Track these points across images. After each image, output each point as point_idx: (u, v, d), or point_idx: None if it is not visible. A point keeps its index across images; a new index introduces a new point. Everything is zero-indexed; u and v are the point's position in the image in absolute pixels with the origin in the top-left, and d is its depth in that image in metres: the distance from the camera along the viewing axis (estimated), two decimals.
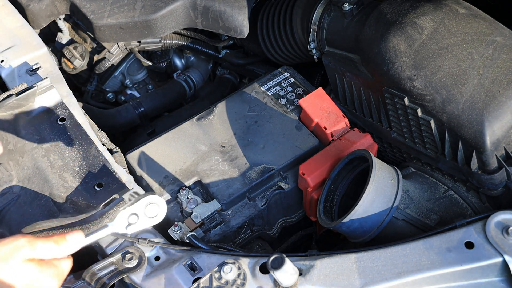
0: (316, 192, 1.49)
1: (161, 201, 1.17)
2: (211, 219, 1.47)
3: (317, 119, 1.57)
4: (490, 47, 1.33)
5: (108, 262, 1.24)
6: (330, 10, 1.63)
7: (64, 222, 1.25)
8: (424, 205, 1.40)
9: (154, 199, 1.17)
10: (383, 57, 1.42)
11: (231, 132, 1.62)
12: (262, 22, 1.90)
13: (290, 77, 1.77)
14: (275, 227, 1.61)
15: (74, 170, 1.36)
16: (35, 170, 1.36)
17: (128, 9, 1.71)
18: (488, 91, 1.29)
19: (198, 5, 1.70)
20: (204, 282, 1.15)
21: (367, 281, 1.15)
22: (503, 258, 1.14)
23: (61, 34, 2.02)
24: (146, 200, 1.17)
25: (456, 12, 1.40)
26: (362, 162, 1.44)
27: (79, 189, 1.32)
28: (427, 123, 1.38)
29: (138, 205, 1.17)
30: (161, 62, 2.20)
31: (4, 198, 1.32)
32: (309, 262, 1.19)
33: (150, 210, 1.17)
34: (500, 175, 1.33)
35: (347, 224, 1.32)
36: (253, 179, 1.51)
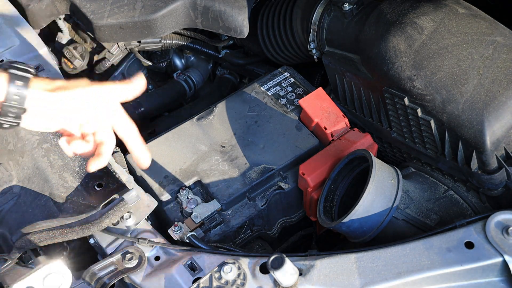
0: (316, 192, 1.49)
1: (63, 270, 1.07)
2: (211, 219, 1.47)
3: (317, 119, 1.57)
4: (490, 47, 1.33)
5: (108, 262, 1.24)
6: (330, 10, 1.63)
7: (64, 222, 1.25)
8: (424, 205, 1.40)
9: (55, 268, 1.07)
10: (383, 57, 1.42)
11: (231, 132, 1.62)
12: (262, 22, 1.90)
13: (290, 77, 1.77)
14: (275, 227, 1.61)
15: (74, 170, 1.36)
16: (35, 170, 1.36)
17: (128, 9, 1.71)
18: (488, 91, 1.29)
19: (198, 5, 1.70)
20: (204, 282, 1.15)
21: (367, 281, 1.15)
22: (503, 258, 1.14)
23: (61, 34, 2.02)
24: (44, 270, 1.06)
25: (456, 12, 1.40)
26: (362, 162, 1.44)
27: (79, 189, 1.32)
28: (427, 123, 1.38)
29: (35, 276, 1.05)
30: (161, 62, 2.20)
31: (4, 198, 1.32)
32: (309, 262, 1.19)
33: (50, 281, 1.06)
34: (500, 175, 1.33)
35: (347, 224, 1.32)
36: (253, 179, 1.51)
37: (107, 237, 1.29)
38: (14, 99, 1.08)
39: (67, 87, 1.12)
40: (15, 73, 1.09)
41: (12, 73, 1.08)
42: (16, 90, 1.08)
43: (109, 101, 1.15)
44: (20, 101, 1.09)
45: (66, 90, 1.11)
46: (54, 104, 1.11)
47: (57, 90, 1.11)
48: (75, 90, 1.12)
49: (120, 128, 1.19)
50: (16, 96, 1.08)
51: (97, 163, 1.18)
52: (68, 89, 1.11)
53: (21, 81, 1.09)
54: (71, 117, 1.14)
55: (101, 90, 1.14)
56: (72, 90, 1.11)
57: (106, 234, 1.29)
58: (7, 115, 1.10)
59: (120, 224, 1.30)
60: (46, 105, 1.11)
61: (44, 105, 1.11)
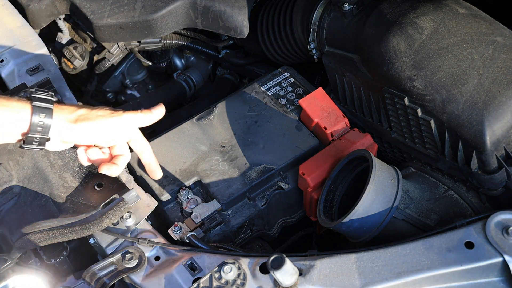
0: (316, 192, 1.49)
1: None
2: (211, 219, 1.47)
3: (317, 119, 1.57)
4: (490, 47, 1.33)
5: (108, 262, 1.24)
6: (330, 10, 1.63)
7: (64, 222, 1.25)
8: (424, 205, 1.40)
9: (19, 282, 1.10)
10: (383, 57, 1.42)
11: (231, 132, 1.62)
12: (262, 22, 1.90)
13: (290, 77, 1.77)
14: (275, 227, 1.61)
15: (74, 170, 1.36)
16: (35, 170, 1.36)
17: (128, 9, 1.71)
18: (488, 91, 1.29)
19: (198, 5, 1.70)
20: (204, 282, 1.16)
21: (367, 281, 1.15)
22: (503, 258, 1.14)
23: (61, 34, 2.02)
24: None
25: (456, 12, 1.40)
26: (362, 162, 1.44)
27: (79, 189, 1.32)
28: (427, 123, 1.38)
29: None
30: (161, 62, 2.20)
31: (4, 198, 1.32)
32: (309, 262, 1.19)
33: None
34: (500, 175, 1.33)
35: (347, 224, 1.32)
36: (253, 179, 1.51)
37: (107, 237, 1.29)
38: (38, 130, 1.14)
39: (89, 117, 1.18)
40: (38, 105, 1.14)
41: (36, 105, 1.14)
42: (39, 121, 1.14)
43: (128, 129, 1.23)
44: (44, 131, 1.15)
45: (88, 121, 1.18)
46: (76, 134, 1.18)
47: (79, 121, 1.17)
48: (96, 121, 1.18)
49: (136, 145, 1.28)
50: (40, 128, 1.14)
51: (111, 170, 1.24)
52: (90, 120, 1.18)
53: (44, 113, 1.14)
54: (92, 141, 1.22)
55: (122, 121, 1.21)
56: (93, 121, 1.18)
57: (106, 234, 1.29)
58: (31, 144, 1.16)
59: (120, 224, 1.30)
60: (68, 134, 1.18)
61: (66, 134, 1.18)
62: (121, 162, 1.26)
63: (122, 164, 1.26)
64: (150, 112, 1.26)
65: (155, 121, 1.28)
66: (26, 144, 1.15)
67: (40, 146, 1.17)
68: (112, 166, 1.24)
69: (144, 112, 1.26)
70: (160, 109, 1.28)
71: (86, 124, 1.18)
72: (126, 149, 1.27)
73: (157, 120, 1.28)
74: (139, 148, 1.30)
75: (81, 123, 1.17)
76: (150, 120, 1.27)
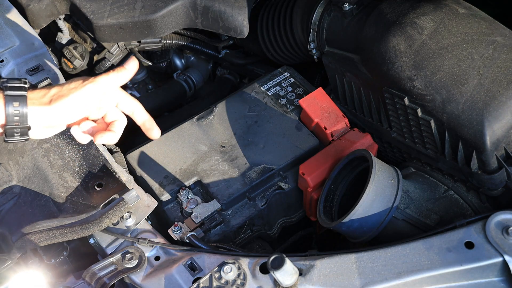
0: (316, 192, 1.49)
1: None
2: (211, 219, 1.47)
3: (317, 119, 1.57)
4: (490, 47, 1.33)
5: (108, 262, 1.24)
6: (330, 10, 1.63)
7: (64, 222, 1.25)
8: (424, 205, 1.40)
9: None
10: (383, 57, 1.42)
11: (231, 132, 1.62)
12: (262, 22, 1.90)
13: (290, 77, 1.77)
14: (275, 227, 1.61)
15: (74, 170, 1.36)
16: (35, 170, 1.36)
17: (128, 9, 1.71)
18: (488, 91, 1.29)
19: (198, 5, 1.70)
20: (204, 282, 1.15)
21: (367, 281, 1.15)
22: (503, 258, 1.14)
23: (61, 34, 2.02)
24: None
25: (456, 12, 1.40)
26: (362, 162, 1.44)
27: (79, 189, 1.32)
28: (427, 123, 1.38)
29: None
30: (161, 62, 2.20)
31: (4, 198, 1.32)
32: (309, 262, 1.19)
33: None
34: (500, 175, 1.33)
35: (347, 224, 1.32)
36: (253, 179, 1.51)
37: (107, 237, 1.29)
38: (15, 120, 1.09)
39: (63, 94, 1.12)
40: (10, 94, 1.09)
41: (8, 94, 1.08)
42: (14, 110, 1.08)
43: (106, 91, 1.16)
44: (22, 120, 1.10)
45: (62, 98, 1.12)
46: (55, 115, 1.12)
47: (54, 101, 1.11)
48: (70, 95, 1.12)
49: (125, 106, 1.20)
50: (17, 117, 1.09)
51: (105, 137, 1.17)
52: (64, 96, 1.12)
53: (18, 101, 1.09)
54: (75, 117, 1.15)
55: (96, 86, 1.14)
56: (67, 96, 1.12)
57: (106, 234, 1.29)
58: (13, 136, 1.11)
59: (120, 224, 1.30)
60: (47, 117, 1.12)
61: (46, 118, 1.12)
62: (116, 128, 1.19)
63: (118, 129, 1.19)
64: (124, 68, 1.17)
65: (131, 76, 1.19)
66: (8, 137, 1.10)
67: (23, 137, 1.11)
68: (106, 133, 1.17)
69: (117, 70, 1.17)
70: (132, 62, 1.18)
71: (61, 102, 1.11)
72: (119, 113, 1.20)
73: (133, 74, 1.19)
74: (129, 108, 1.21)
75: (56, 103, 1.11)
76: (126, 77, 1.18)
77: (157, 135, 1.24)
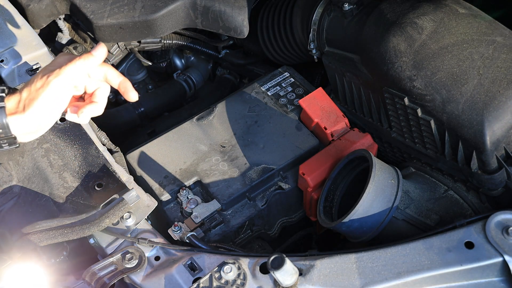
0: (316, 192, 1.49)
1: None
2: (211, 219, 1.47)
3: (317, 119, 1.57)
4: (490, 47, 1.33)
5: (108, 262, 1.24)
6: (330, 10, 1.63)
7: (64, 222, 1.25)
8: (424, 205, 1.40)
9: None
10: (383, 57, 1.42)
11: (231, 132, 1.62)
12: (262, 22, 1.90)
13: (290, 77, 1.77)
14: (275, 227, 1.61)
15: (74, 170, 1.36)
16: (35, 170, 1.36)
17: (128, 9, 1.71)
18: (488, 91, 1.29)
19: (198, 5, 1.70)
20: (204, 282, 1.15)
21: (367, 281, 1.15)
22: (503, 258, 1.14)
23: (61, 34, 2.02)
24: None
25: (456, 12, 1.40)
26: (362, 162, 1.44)
27: (79, 189, 1.32)
28: (427, 123, 1.38)
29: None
30: (161, 62, 2.20)
31: (4, 198, 1.32)
32: (309, 262, 1.19)
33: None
34: (500, 175, 1.33)
35: (347, 224, 1.32)
36: (253, 179, 1.51)
37: (107, 237, 1.29)
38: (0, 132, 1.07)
39: (32, 97, 1.08)
40: None
41: None
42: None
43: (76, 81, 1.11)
44: (6, 132, 1.08)
45: (33, 102, 1.08)
46: (32, 120, 1.09)
47: (26, 106, 1.08)
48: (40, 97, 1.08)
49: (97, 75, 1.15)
50: (0, 130, 1.07)
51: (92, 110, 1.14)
52: (34, 99, 1.08)
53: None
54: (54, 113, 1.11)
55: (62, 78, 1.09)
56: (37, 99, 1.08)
57: (106, 234, 1.29)
58: (2, 147, 1.09)
59: (120, 224, 1.30)
60: (26, 124, 1.10)
61: (25, 125, 1.10)
62: (99, 98, 1.14)
63: (102, 98, 1.15)
64: (91, 55, 1.11)
65: (99, 62, 1.13)
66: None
67: (13, 146, 1.10)
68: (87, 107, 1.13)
69: (83, 57, 1.11)
70: (100, 48, 1.12)
71: (33, 106, 1.08)
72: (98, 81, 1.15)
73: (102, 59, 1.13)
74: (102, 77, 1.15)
75: (30, 109, 1.08)
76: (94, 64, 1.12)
77: (134, 97, 1.18)
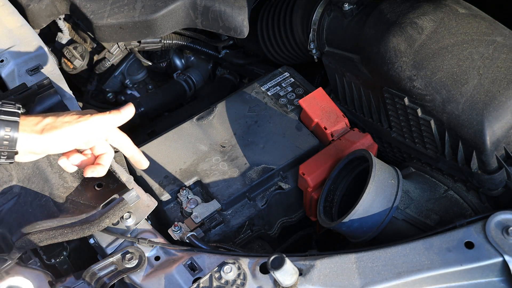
0: (316, 192, 1.49)
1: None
2: (211, 219, 1.47)
3: (317, 119, 1.57)
4: (490, 47, 1.33)
5: (108, 262, 1.24)
6: (330, 10, 1.63)
7: (64, 222, 1.25)
8: (424, 205, 1.40)
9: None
10: (383, 57, 1.42)
11: (231, 132, 1.62)
12: (262, 22, 1.90)
13: (290, 77, 1.77)
14: (275, 227, 1.61)
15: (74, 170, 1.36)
16: (35, 170, 1.36)
17: (128, 9, 1.71)
18: (488, 91, 1.29)
19: (198, 5, 1.70)
20: (204, 282, 1.16)
21: (367, 281, 1.15)
22: (503, 258, 1.14)
23: (61, 34, 2.02)
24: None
25: (456, 12, 1.40)
26: (362, 162, 1.44)
27: (79, 189, 1.32)
28: (427, 123, 1.38)
29: None
30: (161, 62, 2.20)
31: (4, 198, 1.32)
32: (309, 262, 1.19)
33: None
34: (500, 175, 1.33)
35: (347, 224, 1.32)
36: (253, 179, 1.51)
37: (107, 237, 1.29)
38: (4, 144, 1.11)
39: (55, 126, 1.14)
40: (4, 119, 1.11)
41: (1, 119, 1.11)
42: (5, 135, 1.11)
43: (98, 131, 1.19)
44: (11, 145, 1.12)
45: (54, 130, 1.14)
46: (44, 144, 1.15)
47: (46, 131, 1.14)
48: (63, 129, 1.14)
49: (114, 141, 1.24)
50: (6, 142, 1.11)
51: (97, 171, 1.21)
52: (56, 128, 1.14)
53: (10, 126, 1.11)
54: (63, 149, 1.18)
55: (89, 125, 1.17)
56: (60, 129, 1.14)
57: (106, 234, 1.29)
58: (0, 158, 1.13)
59: (120, 224, 1.30)
60: (36, 145, 1.15)
61: (34, 146, 1.15)
62: (105, 161, 1.23)
63: (107, 162, 1.23)
64: (119, 113, 1.21)
65: (126, 120, 1.22)
66: None
67: (9, 160, 1.14)
68: (97, 167, 1.22)
69: (113, 113, 1.20)
70: (129, 108, 1.22)
71: (53, 133, 1.14)
72: (107, 146, 1.24)
73: (128, 119, 1.23)
74: (118, 144, 1.25)
75: (48, 133, 1.14)
76: (120, 121, 1.22)
77: (145, 166, 1.29)
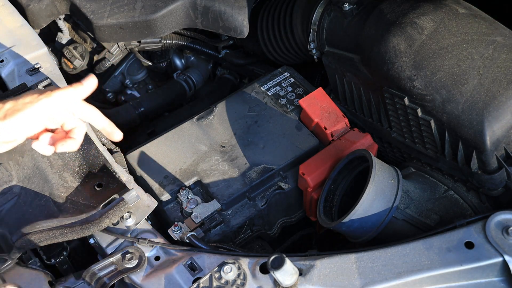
0: (316, 192, 1.49)
1: None
2: (211, 219, 1.47)
3: (317, 119, 1.57)
4: (490, 47, 1.33)
5: (108, 262, 1.24)
6: (330, 10, 1.63)
7: (64, 222, 1.25)
8: (424, 205, 1.40)
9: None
10: (383, 57, 1.42)
11: (231, 132, 1.62)
12: (262, 22, 1.90)
13: (290, 77, 1.77)
14: (275, 227, 1.61)
15: (74, 170, 1.36)
16: (35, 170, 1.36)
17: (128, 9, 1.71)
18: (488, 91, 1.29)
19: (198, 5, 1.70)
20: (204, 282, 1.16)
21: (367, 281, 1.15)
22: (503, 258, 1.14)
23: (61, 34, 2.02)
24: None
25: (456, 12, 1.40)
26: (362, 162, 1.44)
27: (79, 189, 1.32)
28: (427, 123, 1.38)
29: None
30: (161, 62, 2.20)
31: (4, 198, 1.32)
32: (309, 262, 1.19)
33: None
34: (500, 175, 1.33)
35: (347, 224, 1.32)
36: (253, 179, 1.51)
37: (107, 237, 1.29)
38: None
39: (18, 109, 1.11)
40: None
41: None
42: None
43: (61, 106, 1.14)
44: None
45: (17, 113, 1.11)
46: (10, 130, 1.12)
47: (8, 115, 1.11)
48: (25, 110, 1.11)
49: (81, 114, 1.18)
50: None
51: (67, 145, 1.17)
52: (18, 111, 1.11)
53: None
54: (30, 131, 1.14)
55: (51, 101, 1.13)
56: (22, 111, 1.11)
57: (106, 234, 1.29)
58: None
59: (120, 224, 1.30)
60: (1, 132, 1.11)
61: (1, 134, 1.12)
62: (76, 135, 1.18)
63: (78, 136, 1.18)
64: (81, 85, 1.16)
65: (89, 93, 1.17)
66: None
67: None
68: (67, 141, 1.16)
69: (74, 86, 1.16)
70: (91, 79, 1.17)
71: (16, 117, 1.11)
72: (77, 120, 1.18)
73: (91, 91, 1.18)
74: (87, 117, 1.19)
75: (11, 118, 1.10)
76: (83, 94, 1.17)
77: (119, 138, 1.22)
